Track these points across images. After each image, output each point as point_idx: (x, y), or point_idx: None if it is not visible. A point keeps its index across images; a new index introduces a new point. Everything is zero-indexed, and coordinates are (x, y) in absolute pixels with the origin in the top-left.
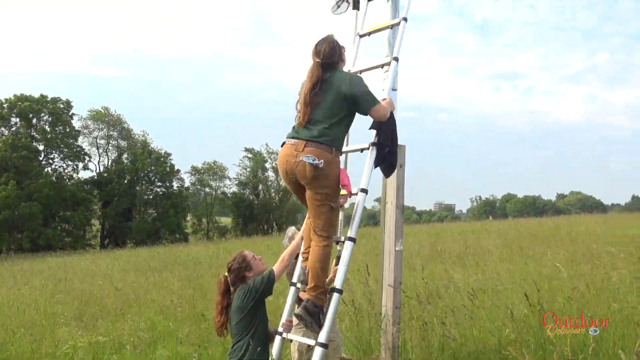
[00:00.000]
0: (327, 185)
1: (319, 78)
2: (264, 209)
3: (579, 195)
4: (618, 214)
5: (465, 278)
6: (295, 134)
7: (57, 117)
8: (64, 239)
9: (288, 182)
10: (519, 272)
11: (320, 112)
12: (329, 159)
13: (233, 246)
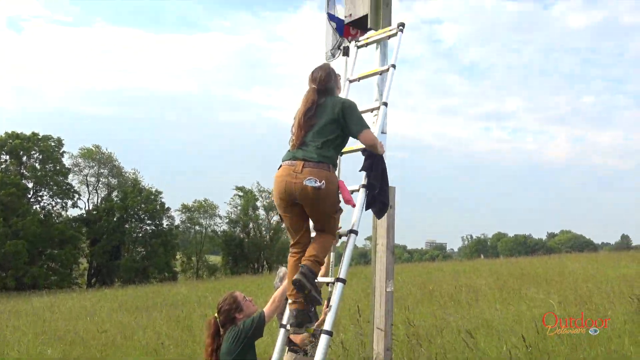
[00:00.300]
0: (329, 203)
1: (314, 102)
2: (255, 248)
3: (569, 234)
4: (609, 253)
5: (456, 319)
6: (291, 156)
7: (48, 155)
8: (50, 278)
9: (284, 203)
10: (512, 313)
11: (314, 134)
12: (328, 176)
13: (223, 285)
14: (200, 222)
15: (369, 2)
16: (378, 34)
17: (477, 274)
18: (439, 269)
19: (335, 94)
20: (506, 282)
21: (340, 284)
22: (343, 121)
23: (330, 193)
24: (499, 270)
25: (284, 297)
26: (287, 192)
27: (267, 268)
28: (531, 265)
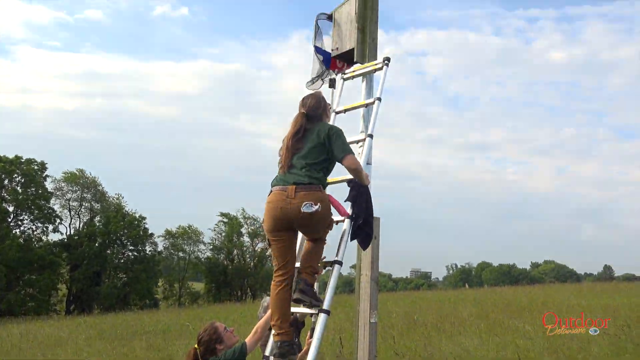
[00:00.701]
0: (325, 220)
1: (302, 126)
2: (239, 275)
3: (553, 264)
4: (592, 284)
5: (441, 350)
6: (282, 181)
7: (30, 178)
8: (27, 304)
9: (277, 228)
10: (496, 344)
11: (301, 157)
12: (321, 197)
13: (205, 313)
14: (183, 249)
15: (355, 36)
16: (364, 67)
17: (462, 303)
18: (424, 298)
19: (324, 121)
20: (491, 313)
21: (324, 314)
22: (328, 146)
23: (326, 212)
24: (484, 300)
25: (267, 328)
26: (282, 218)
27: (251, 296)
28: (515, 296)
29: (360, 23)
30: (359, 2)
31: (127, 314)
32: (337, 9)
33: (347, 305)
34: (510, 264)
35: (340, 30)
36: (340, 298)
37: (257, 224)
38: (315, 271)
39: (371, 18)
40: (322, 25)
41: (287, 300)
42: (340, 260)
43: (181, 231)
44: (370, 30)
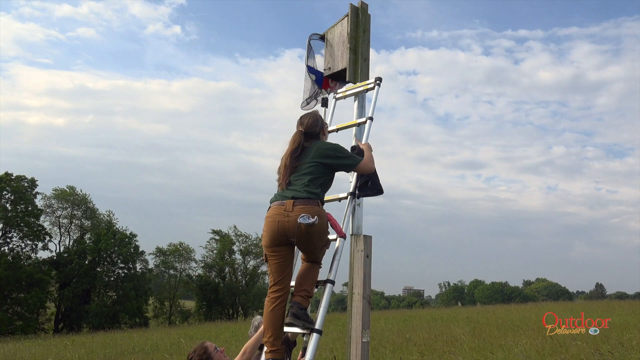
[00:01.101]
0: (322, 235)
1: (300, 144)
2: (230, 293)
3: (545, 282)
4: (584, 302)
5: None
6: (280, 196)
7: (20, 195)
8: (14, 323)
9: (275, 243)
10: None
11: (299, 175)
12: (319, 211)
13: (196, 332)
14: (174, 266)
15: (347, 56)
16: (356, 87)
17: (455, 322)
18: (416, 317)
19: (321, 139)
20: (483, 331)
21: (316, 334)
22: (331, 161)
23: (323, 228)
24: (476, 318)
25: (256, 348)
26: (280, 232)
27: (242, 314)
28: (508, 314)
29: (352, 44)
30: (351, 23)
31: (117, 332)
32: (330, 30)
33: (339, 323)
34: (502, 282)
35: (332, 51)
36: (333, 316)
37: (249, 241)
38: (309, 295)
39: (363, 39)
40: (315, 45)
41: (281, 318)
42: (332, 280)
43: (172, 248)
44: (362, 50)
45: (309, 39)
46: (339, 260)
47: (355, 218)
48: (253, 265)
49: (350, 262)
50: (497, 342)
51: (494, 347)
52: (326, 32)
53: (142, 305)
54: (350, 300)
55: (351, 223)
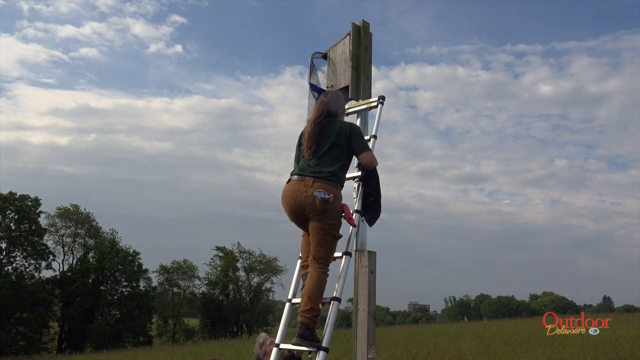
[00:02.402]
0: (333, 217)
1: (323, 112)
2: (234, 310)
3: (552, 295)
4: (592, 315)
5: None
6: (301, 172)
7: (24, 214)
8: (17, 343)
9: (293, 214)
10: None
11: (322, 154)
12: (336, 193)
13: (200, 350)
14: (178, 284)
15: (350, 74)
16: (359, 104)
17: (461, 337)
18: (422, 332)
19: (341, 118)
20: (490, 346)
21: (323, 352)
22: (349, 141)
23: (336, 209)
24: (483, 333)
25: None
26: (297, 206)
27: (246, 332)
28: (515, 328)
29: (355, 62)
30: (353, 41)
31: (120, 352)
32: (332, 48)
33: (345, 340)
34: (509, 296)
35: (334, 68)
36: (338, 333)
37: (252, 258)
38: (317, 313)
39: (365, 57)
40: (317, 64)
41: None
42: (339, 297)
43: (176, 266)
44: (364, 68)
45: (311, 57)
46: (345, 278)
47: (359, 234)
48: (257, 282)
49: (355, 278)
50: (505, 357)
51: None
52: (328, 50)
53: (145, 324)
54: (356, 317)
55: (355, 240)
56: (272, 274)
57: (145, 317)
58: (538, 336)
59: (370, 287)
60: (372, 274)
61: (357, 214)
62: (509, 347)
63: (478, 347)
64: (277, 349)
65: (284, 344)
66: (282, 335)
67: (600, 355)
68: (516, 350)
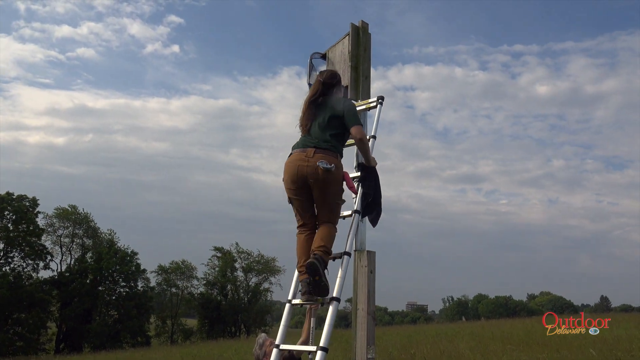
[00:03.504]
0: (336, 185)
1: (318, 91)
2: (232, 310)
3: (549, 295)
4: (589, 315)
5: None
6: (303, 144)
7: (22, 215)
8: (15, 344)
9: (295, 185)
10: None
11: (320, 127)
12: (337, 163)
13: (198, 351)
14: (176, 284)
15: (349, 74)
16: (358, 105)
17: (459, 337)
18: (421, 332)
19: (337, 95)
20: (488, 346)
21: (322, 352)
22: (342, 115)
23: (338, 178)
24: (481, 333)
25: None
26: (299, 175)
27: (244, 332)
28: (513, 328)
29: (354, 62)
30: (352, 42)
31: (119, 352)
32: (331, 49)
33: (343, 340)
34: (506, 295)
35: (334, 69)
36: (337, 333)
37: (250, 258)
38: (328, 251)
39: (364, 57)
40: (316, 64)
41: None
42: (338, 297)
43: (174, 266)
44: (363, 68)
45: (310, 57)
46: (344, 278)
47: (358, 234)
48: (255, 283)
49: (354, 278)
50: (503, 357)
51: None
52: (327, 50)
53: (143, 324)
54: (355, 317)
55: (355, 240)
56: (270, 274)
57: (144, 317)
58: (536, 336)
59: (369, 287)
60: (371, 274)
61: (357, 214)
62: (509, 346)
63: (476, 347)
64: (278, 349)
65: (284, 345)
66: (282, 335)
67: (599, 353)
68: (513, 350)
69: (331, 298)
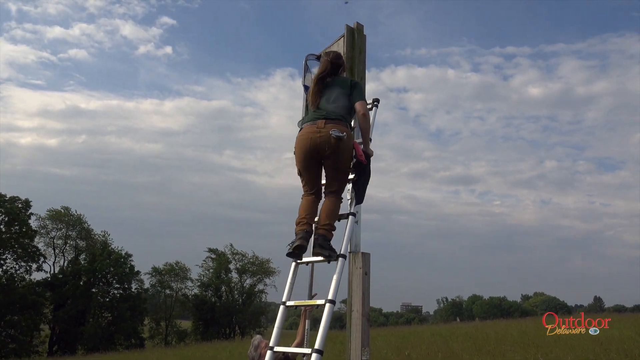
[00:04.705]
0: (347, 154)
1: (326, 69)
2: (227, 312)
3: (543, 296)
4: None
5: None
6: (312, 117)
7: (14, 216)
8: (8, 346)
9: (307, 157)
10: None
11: (328, 102)
12: (347, 132)
13: (193, 352)
14: (170, 286)
15: (344, 76)
16: None
17: (453, 337)
18: (415, 333)
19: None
20: (483, 346)
21: (317, 354)
22: (350, 91)
23: (349, 146)
24: (475, 334)
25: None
26: (312, 146)
27: (239, 333)
28: (507, 329)
29: (349, 64)
30: (347, 44)
31: (112, 354)
32: (326, 50)
33: (338, 341)
34: (500, 296)
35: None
36: (331, 334)
37: (245, 260)
38: (332, 228)
39: (359, 59)
40: (311, 65)
41: (315, 207)
42: (333, 299)
43: (168, 268)
44: (358, 70)
45: (305, 59)
46: (339, 280)
47: (353, 236)
48: (250, 284)
49: (349, 280)
50: (497, 357)
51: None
52: (322, 52)
53: (137, 326)
54: (349, 318)
55: (350, 241)
56: (264, 276)
57: (137, 319)
58: (530, 336)
59: (364, 289)
60: (365, 276)
61: (352, 217)
62: (504, 346)
63: (470, 348)
64: (272, 351)
65: (279, 347)
66: (276, 337)
67: (591, 354)
68: (507, 350)
69: (327, 300)
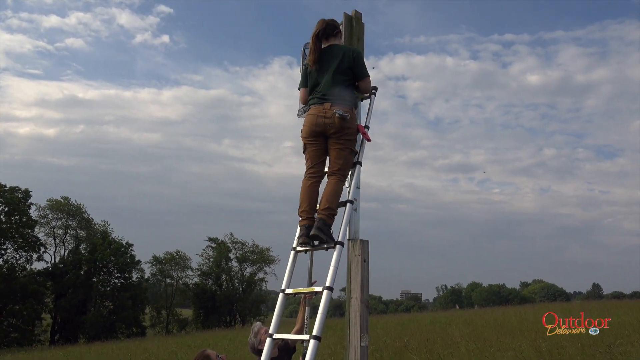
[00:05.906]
0: (350, 133)
1: (324, 28)
2: (227, 300)
3: (542, 283)
4: (581, 303)
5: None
6: (319, 100)
7: (14, 206)
8: (10, 335)
9: (313, 134)
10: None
11: (333, 80)
12: (351, 112)
13: (193, 340)
14: (171, 275)
15: None
16: None
17: (453, 325)
18: (414, 320)
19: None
20: (482, 333)
21: (315, 341)
22: (353, 67)
23: (352, 126)
24: (474, 321)
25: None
26: (318, 125)
27: (239, 322)
28: (506, 316)
29: None
30: (345, 32)
31: (114, 343)
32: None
33: (338, 329)
34: (499, 284)
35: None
36: (331, 322)
37: (245, 249)
38: (333, 213)
39: (357, 47)
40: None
41: (315, 193)
42: (331, 286)
43: (168, 257)
44: None
45: (303, 47)
46: (337, 267)
47: (352, 223)
48: (250, 273)
49: (348, 267)
50: (497, 344)
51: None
52: None
53: (138, 315)
54: (349, 305)
55: (348, 229)
56: (264, 264)
57: (138, 308)
58: (528, 323)
59: (363, 276)
60: (365, 263)
61: (350, 204)
62: (499, 333)
63: (470, 334)
64: (271, 338)
65: (278, 334)
66: (275, 325)
67: (589, 341)
68: (506, 337)
69: (325, 287)
